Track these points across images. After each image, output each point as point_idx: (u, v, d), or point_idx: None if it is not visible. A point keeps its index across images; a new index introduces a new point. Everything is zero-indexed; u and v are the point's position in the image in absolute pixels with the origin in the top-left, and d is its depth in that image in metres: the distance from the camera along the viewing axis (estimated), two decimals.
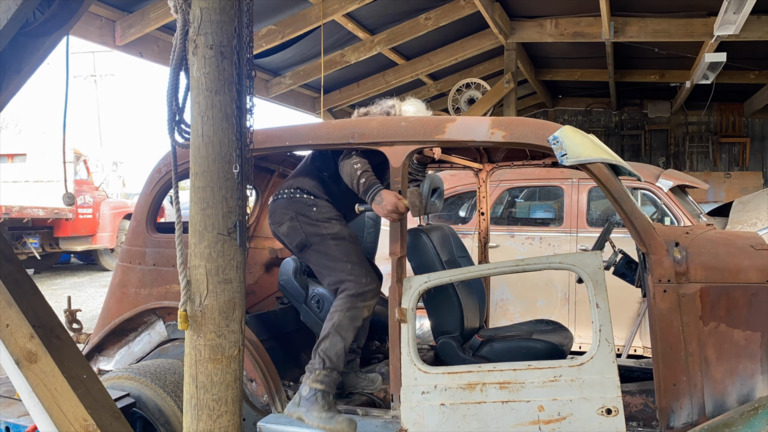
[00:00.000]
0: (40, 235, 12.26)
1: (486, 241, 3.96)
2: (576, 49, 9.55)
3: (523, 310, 5.71)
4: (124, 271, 3.51)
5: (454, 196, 6.03)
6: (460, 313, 3.25)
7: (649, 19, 7.96)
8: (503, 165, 3.92)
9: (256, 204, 4.12)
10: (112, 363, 3.58)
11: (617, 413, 2.48)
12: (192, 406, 2.22)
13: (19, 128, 25.90)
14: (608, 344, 2.53)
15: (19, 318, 2.23)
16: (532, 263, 2.86)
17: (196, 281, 2.19)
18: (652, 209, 5.73)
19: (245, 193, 2.28)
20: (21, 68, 2.29)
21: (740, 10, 6.39)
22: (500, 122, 2.75)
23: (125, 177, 19.21)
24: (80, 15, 2.34)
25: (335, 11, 7.29)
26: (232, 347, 2.22)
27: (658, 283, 2.63)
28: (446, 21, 8.08)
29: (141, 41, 6.86)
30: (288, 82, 9.58)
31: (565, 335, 3.34)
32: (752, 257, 2.66)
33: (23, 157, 13.28)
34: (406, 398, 2.67)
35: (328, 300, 3.47)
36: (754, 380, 2.57)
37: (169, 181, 3.32)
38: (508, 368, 2.60)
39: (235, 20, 2.15)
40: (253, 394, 3.12)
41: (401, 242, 2.74)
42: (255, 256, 4.04)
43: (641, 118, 14.22)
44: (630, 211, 2.65)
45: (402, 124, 2.83)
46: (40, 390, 2.25)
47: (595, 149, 2.62)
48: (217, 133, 2.15)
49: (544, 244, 5.68)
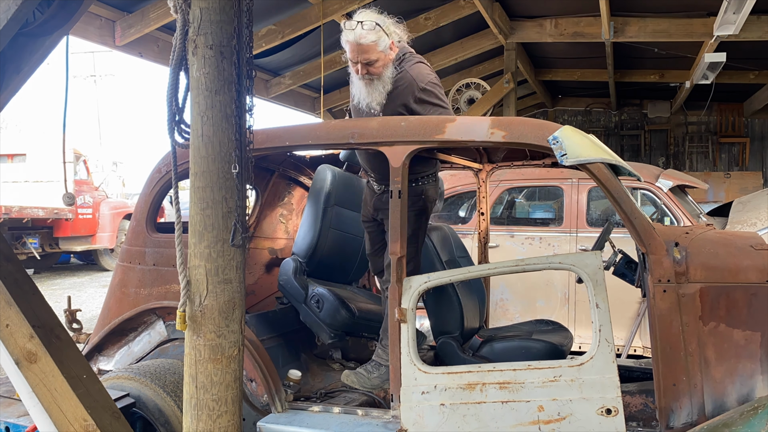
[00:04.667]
0: (40, 235, 12.26)
1: (486, 241, 3.96)
2: (576, 49, 9.55)
3: (522, 310, 5.71)
4: (124, 271, 3.51)
5: (453, 196, 6.03)
6: (460, 313, 3.25)
7: (648, 19, 7.97)
8: (503, 165, 3.92)
9: (256, 204, 4.12)
10: (112, 363, 3.58)
11: (617, 413, 2.48)
12: (192, 406, 2.22)
13: (18, 128, 25.86)
14: (608, 344, 2.53)
15: (19, 318, 2.23)
16: (531, 263, 2.86)
17: (195, 281, 2.19)
18: (651, 209, 5.73)
19: (245, 194, 2.28)
20: (21, 68, 2.29)
21: (740, 10, 6.39)
22: (500, 122, 2.75)
23: (125, 177, 19.24)
24: (80, 15, 2.34)
25: (335, 11, 7.29)
26: (231, 347, 2.22)
27: (658, 283, 2.62)
28: (446, 21, 8.08)
29: (141, 41, 6.86)
30: (288, 82, 9.58)
31: (565, 335, 3.34)
32: (752, 257, 2.66)
33: (23, 157, 13.27)
34: (405, 398, 2.67)
35: (327, 300, 3.47)
36: (753, 380, 2.57)
37: (169, 181, 3.32)
38: (508, 368, 2.60)
39: (235, 20, 2.15)
40: (252, 394, 3.12)
41: (401, 242, 2.74)
42: (255, 256, 4.04)
43: (641, 118, 14.23)
44: (630, 211, 2.65)
45: (402, 124, 2.83)
46: (39, 390, 2.25)
47: (594, 149, 2.62)
48: (217, 133, 2.15)
49: (543, 244, 5.68)
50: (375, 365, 3.30)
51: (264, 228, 4.14)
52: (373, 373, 3.28)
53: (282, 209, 4.26)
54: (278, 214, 4.25)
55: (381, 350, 3.29)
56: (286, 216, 4.28)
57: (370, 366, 3.31)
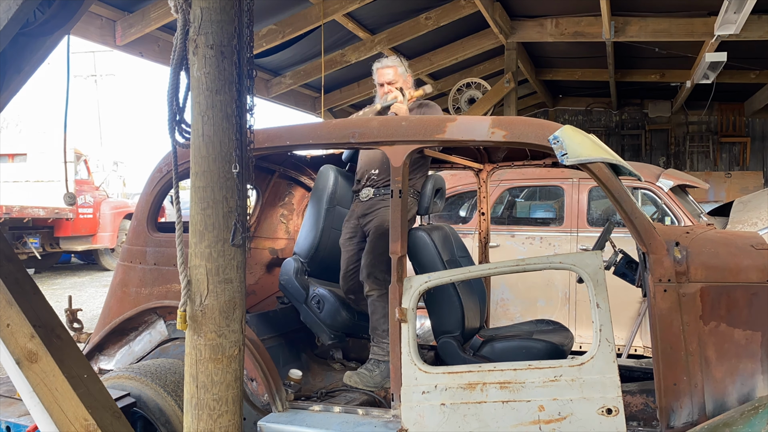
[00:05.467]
0: (41, 234, 12.25)
1: (486, 241, 3.96)
2: (576, 48, 9.55)
3: (523, 310, 5.70)
4: (125, 270, 3.51)
5: (454, 195, 6.03)
6: (461, 312, 3.25)
7: (649, 19, 7.96)
8: (503, 165, 3.92)
9: (257, 204, 4.12)
10: (112, 362, 3.58)
11: (617, 413, 2.48)
12: (192, 406, 2.22)
13: (19, 128, 25.88)
14: (609, 344, 2.53)
15: (20, 318, 2.23)
16: (532, 263, 2.86)
17: (196, 281, 2.19)
18: (652, 209, 5.73)
19: (245, 193, 2.28)
20: (21, 68, 2.29)
21: (741, 9, 6.39)
22: (501, 122, 2.75)
23: (126, 177, 19.19)
24: (81, 15, 2.34)
25: (335, 11, 7.29)
26: (232, 347, 2.22)
27: (659, 283, 2.62)
28: (446, 21, 8.08)
29: (141, 41, 6.87)
30: (288, 81, 9.58)
31: (566, 335, 3.34)
32: (753, 257, 2.66)
33: (24, 157, 13.26)
34: (406, 398, 2.67)
35: (328, 301, 3.48)
36: (754, 380, 2.57)
37: (170, 180, 3.32)
38: (509, 368, 2.60)
39: (236, 20, 2.15)
40: (253, 393, 3.12)
41: (401, 242, 2.74)
42: (256, 256, 4.04)
43: (642, 117, 14.22)
44: (630, 211, 2.65)
45: (403, 124, 2.83)
46: (40, 390, 2.25)
47: (595, 149, 2.62)
48: (218, 132, 2.15)
49: (544, 243, 5.68)
50: (374, 363, 3.36)
51: (264, 228, 4.14)
52: (374, 371, 3.32)
53: (283, 209, 4.26)
54: (279, 214, 4.25)
55: (376, 347, 3.37)
56: (286, 216, 4.28)
57: (370, 365, 3.36)
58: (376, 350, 3.39)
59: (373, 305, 3.40)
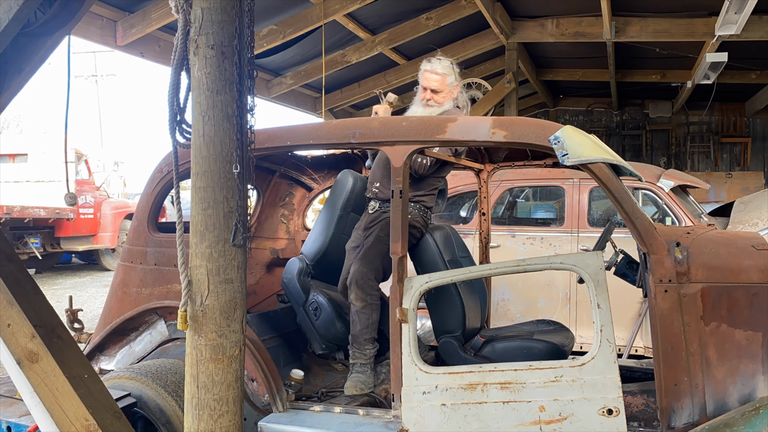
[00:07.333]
0: (42, 235, 12.26)
1: (487, 242, 3.96)
2: (577, 49, 9.55)
3: (524, 311, 5.70)
4: (126, 270, 3.51)
5: (455, 196, 6.02)
6: (462, 312, 3.25)
7: (650, 19, 7.96)
8: (504, 165, 3.92)
9: (258, 204, 4.12)
10: (113, 363, 3.58)
11: (618, 413, 2.48)
12: (193, 406, 2.22)
13: (20, 128, 25.95)
14: (609, 344, 2.52)
15: (21, 318, 2.23)
16: (533, 263, 2.86)
17: (197, 281, 2.19)
18: (653, 209, 5.73)
19: (246, 193, 2.28)
20: (22, 68, 2.29)
21: (741, 9, 6.39)
22: (501, 122, 2.75)
23: (126, 177, 19.17)
24: (81, 15, 2.34)
25: (336, 11, 7.29)
26: (233, 347, 2.22)
27: (659, 283, 2.62)
28: (447, 21, 8.08)
29: (142, 41, 6.87)
30: (289, 82, 9.58)
31: (566, 335, 3.34)
32: (753, 257, 2.66)
33: (24, 157, 13.28)
34: (407, 398, 2.67)
35: (325, 310, 3.46)
36: (755, 380, 2.57)
37: (171, 180, 3.32)
38: (509, 368, 2.60)
39: (236, 20, 2.15)
40: (254, 393, 3.12)
41: (402, 242, 2.74)
42: (256, 256, 4.04)
43: (642, 118, 14.22)
44: (631, 211, 2.64)
45: (403, 124, 2.83)
46: (41, 390, 2.25)
47: (596, 149, 2.62)
48: (218, 133, 2.15)
49: (545, 244, 5.68)
50: (360, 365, 3.29)
51: (265, 228, 4.14)
52: (364, 374, 3.27)
53: (283, 209, 4.26)
54: (279, 214, 4.25)
55: (356, 351, 3.30)
56: (287, 216, 4.28)
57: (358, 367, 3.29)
58: (356, 354, 3.30)
59: (356, 315, 3.27)
